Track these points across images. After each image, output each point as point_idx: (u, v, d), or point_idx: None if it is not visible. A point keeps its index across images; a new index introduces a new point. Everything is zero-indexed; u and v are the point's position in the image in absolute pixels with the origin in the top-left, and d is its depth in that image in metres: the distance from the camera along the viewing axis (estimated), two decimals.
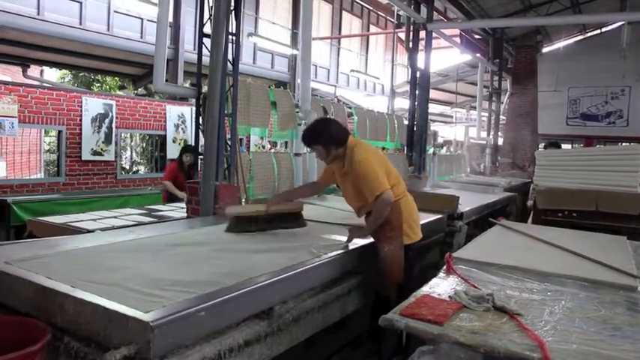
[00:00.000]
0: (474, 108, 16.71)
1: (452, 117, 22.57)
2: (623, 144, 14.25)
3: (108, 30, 10.46)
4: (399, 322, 2.21)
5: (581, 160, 6.39)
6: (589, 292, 2.77)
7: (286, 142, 7.33)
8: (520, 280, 2.91)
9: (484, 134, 14.63)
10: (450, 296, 2.52)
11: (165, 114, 10.01)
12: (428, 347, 2.17)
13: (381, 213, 3.36)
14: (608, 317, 2.38)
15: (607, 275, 3.08)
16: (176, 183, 6.91)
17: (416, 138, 9.37)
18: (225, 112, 5.11)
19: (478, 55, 14.01)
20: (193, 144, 5.83)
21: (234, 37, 5.21)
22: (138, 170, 11.90)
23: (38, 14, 9.25)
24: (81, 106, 8.52)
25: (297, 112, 6.02)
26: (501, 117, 15.89)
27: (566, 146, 16.68)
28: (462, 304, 2.40)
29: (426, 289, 2.69)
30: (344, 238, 3.54)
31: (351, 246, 3.44)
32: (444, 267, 3.07)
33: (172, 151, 10.16)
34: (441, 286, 2.73)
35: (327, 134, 3.48)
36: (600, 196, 5.66)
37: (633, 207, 5.51)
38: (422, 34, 9.56)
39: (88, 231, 4.68)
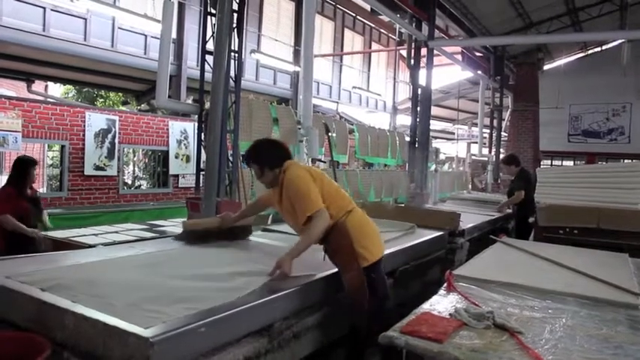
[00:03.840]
0: (476, 125, 16.77)
1: (453, 134, 22.64)
2: (625, 161, 14.27)
3: (112, 46, 10.55)
4: (399, 340, 2.20)
5: (583, 177, 6.40)
6: (590, 309, 2.76)
7: None
8: (521, 298, 2.90)
9: (486, 151, 14.67)
10: (450, 314, 2.51)
11: (167, 130, 10.06)
12: None
13: (312, 236, 3.06)
14: (610, 335, 2.37)
15: (609, 293, 3.06)
16: (18, 214, 4.84)
17: (417, 155, 9.40)
18: (228, 128, 5.14)
19: (479, 72, 14.10)
20: (196, 160, 5.82)
21: (236, 54, 5.27)
22: (140, 185, 11.92)
23: (43, 30, 9.35)
24: (84, 122, 8.57)
25: (299, 129, 6.05)
26: (503, 134, 15.93)
27: (567, 163, 16.76)
28: (462, 322, 2.39)
29: (426, 306, 2.68)
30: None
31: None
32: (445, 284, 3.07)
33: (175, 167, 10.19)
34: (441, 304, 2.73)
35: (260, 153, 3.34)
36: (602, 213, 5.65)
37: (635, 224, 5.49)
38: (423, 51, 9.64)
39: (90, 246, 4.67)
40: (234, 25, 5.22)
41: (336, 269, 3.14)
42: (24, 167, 4.94)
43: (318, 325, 2.88)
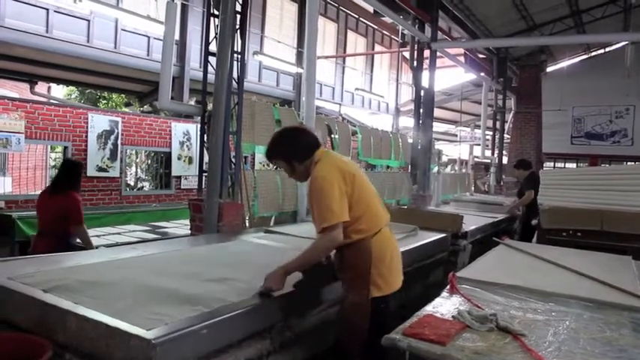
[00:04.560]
0: (479, 127, 16.74)
1: (456, 135, 22.61)
2: (628, 163, 14.23)
3: (115, 47, 10.56)
4: (402, 342, 2.19)
5: (586, 179, 6.38)
6: (594, 312, 2.75)
7: None
8: (524, 300, 2.89)
9: (488, 153, 14.64)
10: (453, 316, 2.50)
11: (170, 131, 10.07)
12: None
13: (317, 252, 2.70)
14: (614, 338, 2.36)
15: (612, 296, 3.05)
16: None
17: (420, 156, 9.39)
18: (230, 129, 5.14)
19: (482, 74, 14.08)
20: (198, 161, 5.80)
21: (239, 56, 5.26)
22: (143, 187, 11.93)
23: (47, 32, 9.36)
24: (87, 123, 8.59)
25: None
26: (506, 136, 15.91)
27: (570, 165, 16.73)
28: (465, 324, 2.38)
29: (429, 308, 2.67)
30: None
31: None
32: (448, 286, 3.06)
33: (177, 168, 10.19)
34: (444, 306, 2.72)
35: (284, 146, 2.87)
36: (605, 216, 5.64)
37: (639, 226, 5.47)
38: (426, 53, 9.63)
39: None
40: (237, 27, 5.22)
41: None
42: (78, 170, 4.77)
43: (321, 326, 2.88)
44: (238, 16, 5.21)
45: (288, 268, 2.63)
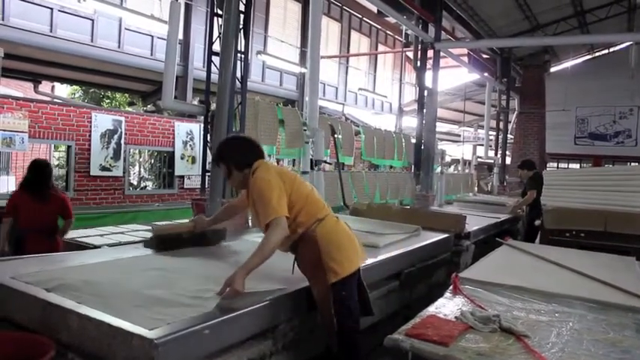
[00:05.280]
0: (482, 127, 16.71)
1: (459, 136, 22.58)
2: (632, 164, 14.19)
3: (119, 47, 10.57)
4: (405, 343, 2.19)
5: (590, 179, 6.36)
6: (597, 313, 2.74)
7: (294, 160, 7.32)
8: (527, 301, 2.89)
9: (492, 153, 14.62)
10: (456, 317, 2.50)
11: (173, 131, 10.09)
12: None
13: (270, 245, 2.70)
14: (617, 340, 2.35)
15: (615, 297, 3.04)
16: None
17: (423, 156, 9.39)
18: (233, 129, 5.14)
19: (486, 74, 14.05)
20: (201, 161, 5.81)
21: (242, 55, 5.27)
22: (146, 186, 11.94)
23: (51, 31, 9.38)
24: (90, 122, 8.60)
25: (305, 130, 6.05)
26: (509, 136, 15.89)
27: (574, 166, 16.69)
28: (468, 325, 2.38)
29: (432, 309, 2.67)
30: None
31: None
32: (451, 287, 3.05)
33: (180, 168, 10.20)
34: (447, 307, 2.71)
35: (227, 152, 3.05)
36: (609, 217, 5.62)
37: None
38: (430, 53, 9.62)
39: (95, 247, 4.69)
40: (241, 26, 5.23)
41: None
42: (50, 169, 5.11)
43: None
44: (242, 16, 5.22)
45: (247, 267, 2.62)
